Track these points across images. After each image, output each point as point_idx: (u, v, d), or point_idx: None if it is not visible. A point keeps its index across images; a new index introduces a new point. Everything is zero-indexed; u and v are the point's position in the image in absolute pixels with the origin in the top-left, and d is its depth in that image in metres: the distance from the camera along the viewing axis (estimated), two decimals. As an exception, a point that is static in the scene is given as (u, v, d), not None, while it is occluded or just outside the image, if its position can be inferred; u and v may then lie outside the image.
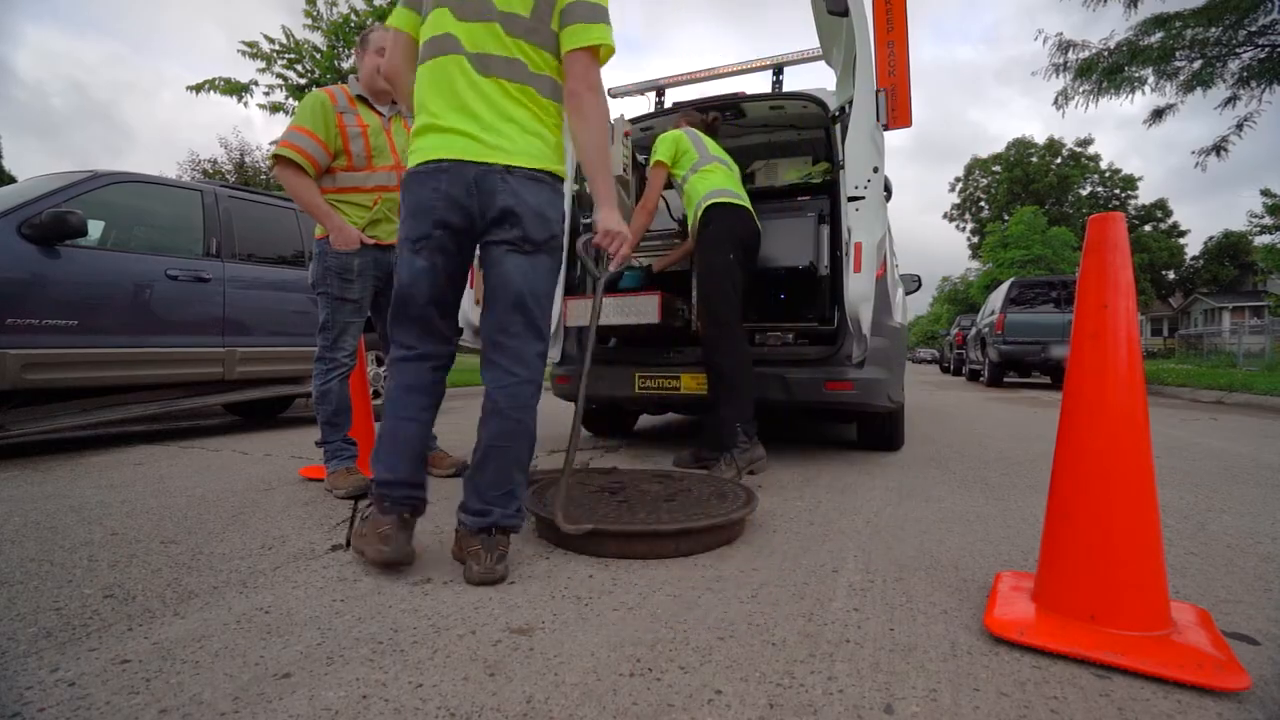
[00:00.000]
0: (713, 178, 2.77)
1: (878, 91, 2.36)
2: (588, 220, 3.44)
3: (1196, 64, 9.85)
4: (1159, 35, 9.79)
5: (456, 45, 1.46)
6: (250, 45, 11.16)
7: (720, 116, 3.33)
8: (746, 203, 2.75)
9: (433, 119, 1.46)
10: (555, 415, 5.23)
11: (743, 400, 2.51)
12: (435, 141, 1.45)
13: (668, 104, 3.63)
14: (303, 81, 11.71)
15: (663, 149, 2.84)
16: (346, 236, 2.30)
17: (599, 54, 1.47)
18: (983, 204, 44.05)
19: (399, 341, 1.56)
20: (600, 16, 1.46)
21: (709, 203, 2.68)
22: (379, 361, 4.98)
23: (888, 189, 2.85)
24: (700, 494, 1.98)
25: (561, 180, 1.53)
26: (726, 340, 2.55)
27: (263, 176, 18.69)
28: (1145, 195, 46.02)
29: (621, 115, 3.17)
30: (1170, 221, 40.71)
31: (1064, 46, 10.79)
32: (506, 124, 1.45)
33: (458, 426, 4.30)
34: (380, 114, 2.48)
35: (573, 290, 3.41)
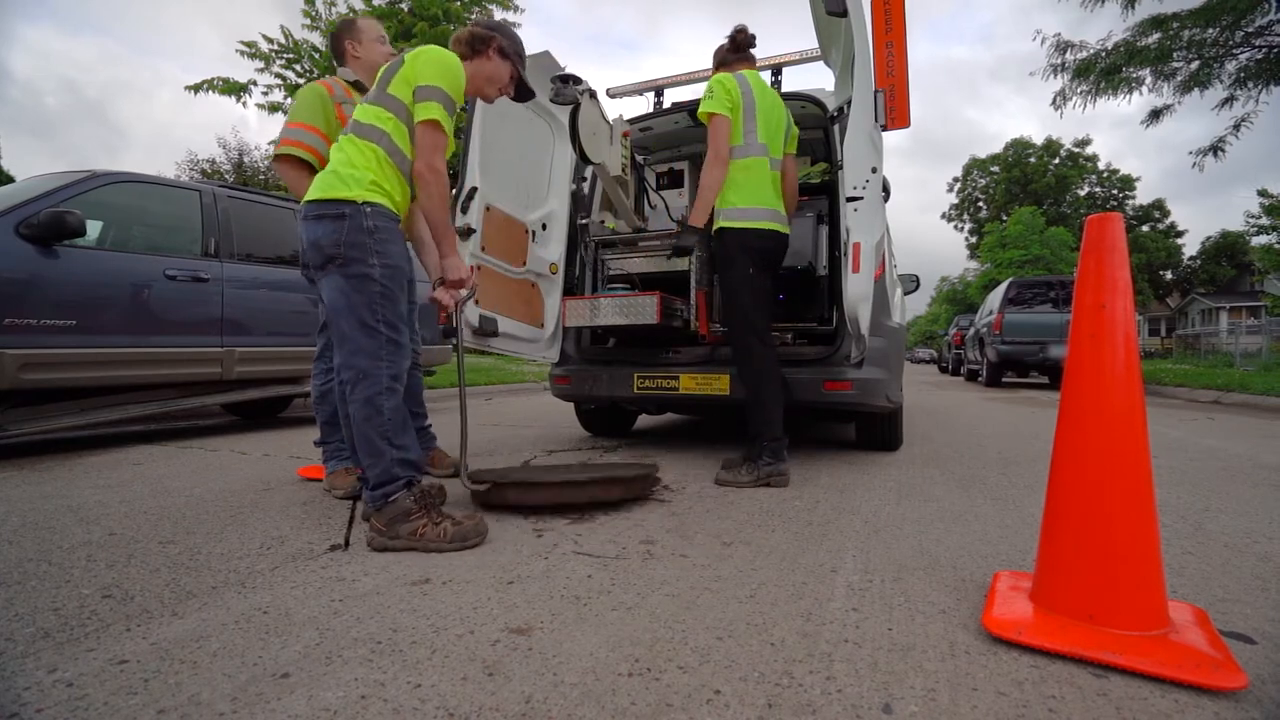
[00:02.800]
0: (739, 182, 2.51)
1: (876, 92, 2.36)
2: (585, 221, 3.44)
3: (1194, 65, 9.88)
4: (1156, 36, 9.83)
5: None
6: (249, 45, 11.17)
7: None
8: (764, 222, 2.52)
9: None
10: (558, 415, 5.23)
11: (769, 414, 2.47)
12: None
13: (666, 104, 3.63)
14: (301, 81, 11.71)
15: (720, 98, 2.46)
16: None
17: (436, 129, 1.75)
18: (981, 204, 44.10)
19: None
20: (436, 97, 1.75)
21: (722, 224, 2.52)
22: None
23: (886, 189, 2.85)
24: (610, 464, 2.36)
25: (351, 203, 1.69)
26: (749, 355, 2.51)
27: (261, 176, 18.67)
28: (1143, 195, 46.17)
29: (620, 116, 3.17)
30: (1168, 222, 40.79)
31: (1062, 47, 10.84)
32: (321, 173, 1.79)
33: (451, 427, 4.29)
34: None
35: (572, 291, 3.42)
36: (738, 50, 2.72)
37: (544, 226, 3.35)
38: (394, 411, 1.73)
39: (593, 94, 2.72)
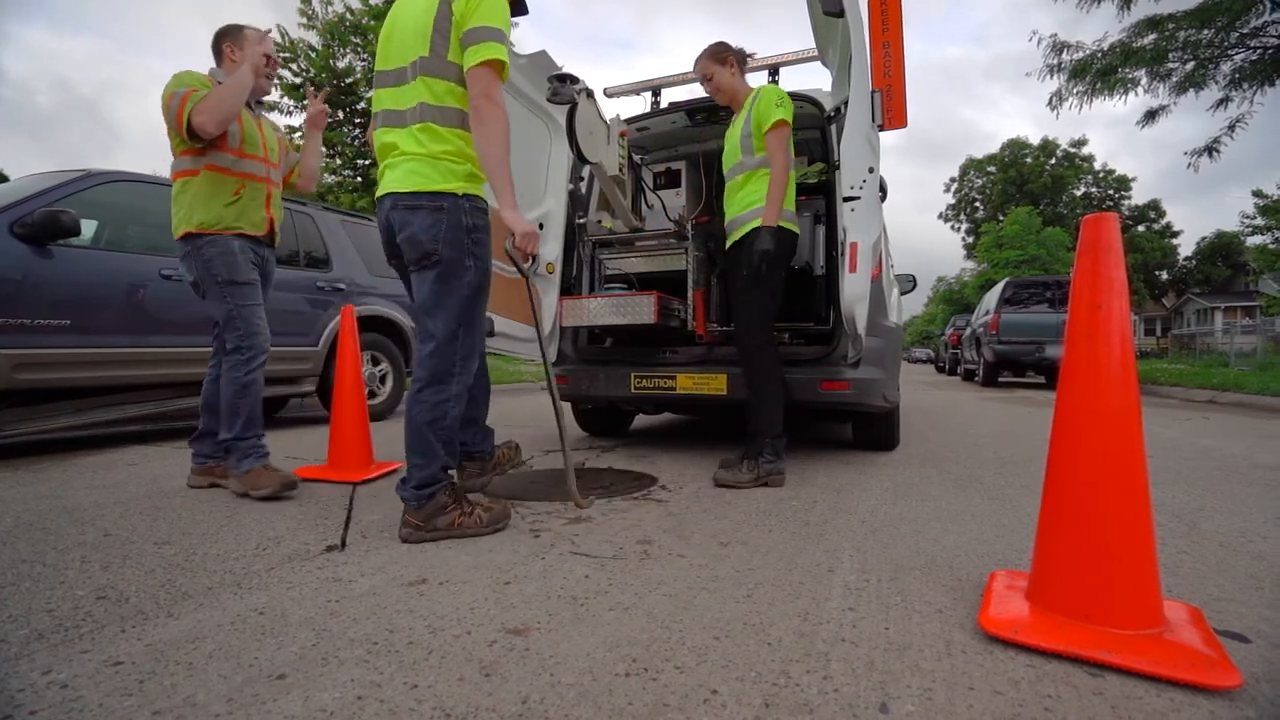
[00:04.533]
0: (791, 191, 2.59)
1: (873, 92, 2.36)
2: (582, 220, 3.44)
3: (1189, 65, 9.92)
4: (1152, 37, 9.86)
5: (383, 117, 1.79)
6: (245, 44, 11.12)
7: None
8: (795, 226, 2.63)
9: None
10: (550, 416, 5.23)
11: (773, 412, 2.51)
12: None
13: (663, 104, 3.63)
14: (298, 80, 11.69)
15: (789, 109, 2.52)
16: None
17: (497, 69, 1.65)
18: (978, 204, 44.22)
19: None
20: (496, 37, 1.64)
21: (784, 224, 2.53)
22: (374, 361, 4.97)
23: (883, 189, 2.84)
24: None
25: (450, 196, 1.70)
26: (759, 353, 2.53)
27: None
28: (1139, 195, 46.35)
29: (618, 115, 3.16)
30: (1164, 222, 40.95)
31: (1058, 48, 10.86)
32: (402, 162, 1.71)
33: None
34: (249, 107, 2.41)
35: (569, 290, 3.41)
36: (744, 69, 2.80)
37: (540, 226, 3.35)
38: (455, 419, 1.79)
39: (590, 94, 2.72)
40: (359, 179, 12.22)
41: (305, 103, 11.69)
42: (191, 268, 2.32)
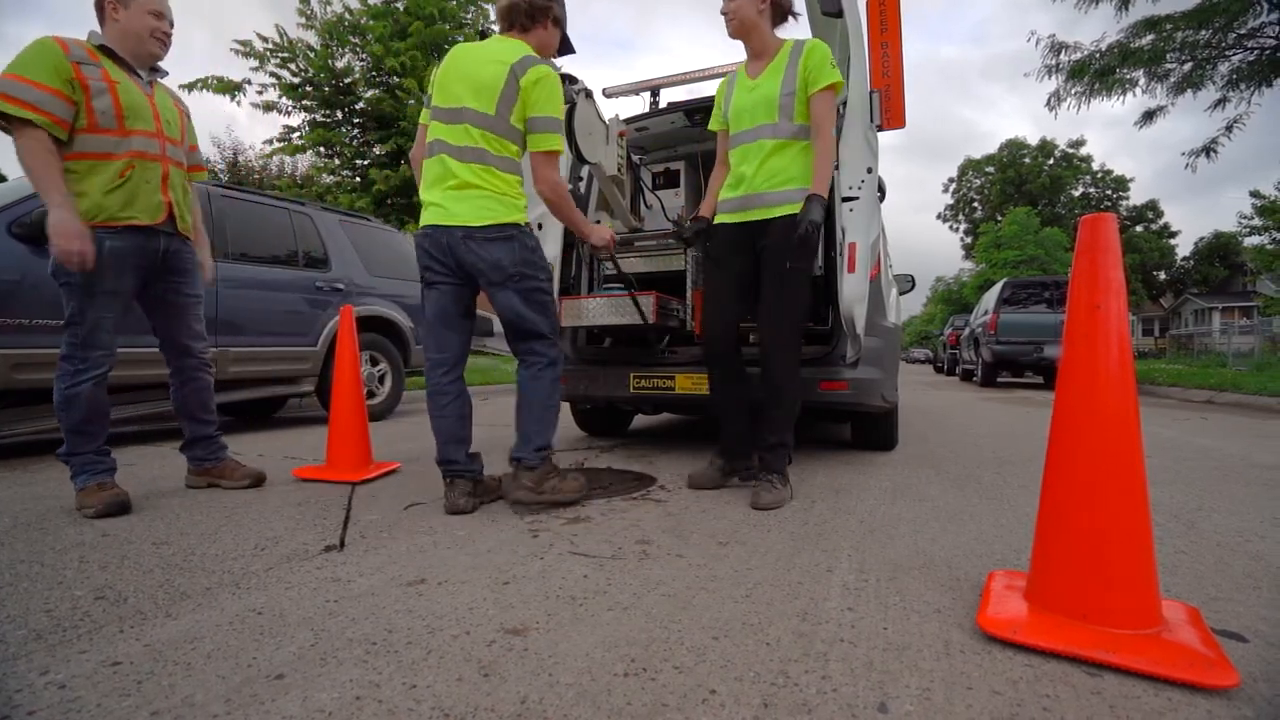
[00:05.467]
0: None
1: (872, 92, 2.36)
2: (583, 219, 3.44)
3: (1187, 66, 9.95)
4: (1150, 38, 9.88)
5: (441, 145, 2.02)
6: (244, 44, 11.12)
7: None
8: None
9: (426, 197, 2.06)
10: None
11: (793, 421, 2.33)
12: (427, 214, 2.05)
13: (662, 104, 3.63)
14: (296, 80, 11.67)
15: (840, 71, 2.16)
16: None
17: (554, 156, 2.03)
18: (976, 205, 44.29)
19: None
20: (555, 128, 2.00)
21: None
22: (373, 361, 4.96)
23: (881, 189, 2.85)
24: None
25: (517, 225, 2.03)
26: (795, 359, 2.32)
27: (255, 175, 18.61)
28: (1136, 196, 46.46)
29: (616, 115, 3.16)
30: (1162, 222, 41.05)
31: (1056, 48, 10.88)
32: (467, 196, 1.98)
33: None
34: (137, 75, 2.11)
35: (568, 291, 3.41)
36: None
37: (539, 226, 3.35)
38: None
39: (589, 94, 2.72)
40: (358, 179, 12.19)
41: (302, 103, 11.66)
42: (53, 258, 1.96)
